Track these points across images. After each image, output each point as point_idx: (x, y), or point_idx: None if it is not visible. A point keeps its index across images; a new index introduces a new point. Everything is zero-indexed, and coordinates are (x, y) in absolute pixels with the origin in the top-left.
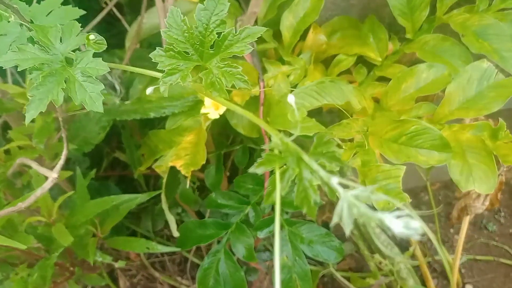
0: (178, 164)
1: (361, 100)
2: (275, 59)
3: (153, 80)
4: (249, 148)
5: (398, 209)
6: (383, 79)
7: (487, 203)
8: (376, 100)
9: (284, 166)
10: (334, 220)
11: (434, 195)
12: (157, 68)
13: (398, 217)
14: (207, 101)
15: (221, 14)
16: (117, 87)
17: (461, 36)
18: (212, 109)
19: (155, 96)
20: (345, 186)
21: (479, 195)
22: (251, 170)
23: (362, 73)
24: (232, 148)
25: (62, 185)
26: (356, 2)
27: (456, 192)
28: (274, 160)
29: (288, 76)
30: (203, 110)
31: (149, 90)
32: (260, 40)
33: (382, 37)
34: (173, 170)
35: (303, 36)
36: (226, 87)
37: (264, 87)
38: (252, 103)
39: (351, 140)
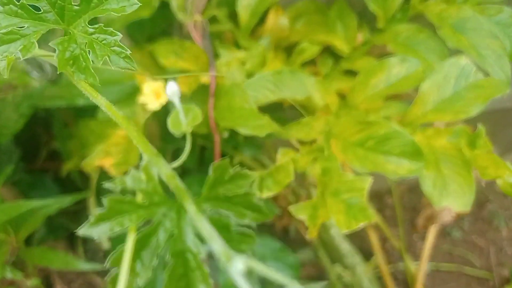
0: (107, 163)
1: (324, 96)
2: (231, 44)
3: None
4: (200, 146)
5: None
6: (351, 73)
7: (454, 213)
8: (342, 97)
9: (147, 225)
10: None
11: (399, 198)
12: None
13: None
14: (146, 88)
15: None
16: (47, 68)
17: (437, 28)
18: (152, 98)
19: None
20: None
21: None
22: (82, 232)
23: (328, 64)
24: (182, 144)
25: None
26: None
27: (422, 198)
28: (127, 211)
29: (244, 63)
30: (140, 100)
31: None
32: (214, 20)
33: (351, 25)
34: None
35: (264, 20)
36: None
37: (215, 75)
38: (201, 93)
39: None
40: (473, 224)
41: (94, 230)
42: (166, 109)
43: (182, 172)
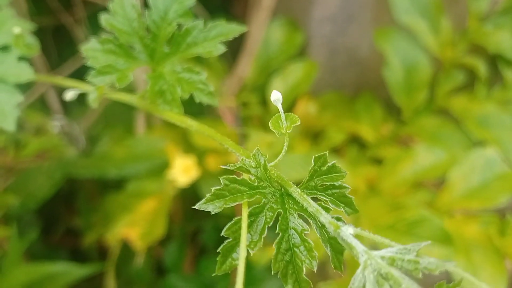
0: (134, 234)
1: (352, 179)
2: (259, 127)
3: (126, 135)
4: (222, 224)
5: None
6: (375, 160)
7: None
8: (368, 183)
9: (256, 205)
10: None
11: None
12: (87, 64)
13: None
14: (177, 163)
15: (187, 3)
16: (81, 139)
17: (460, 122)
18: (182, 173)
19: (119, 155)
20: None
21: None
22: (198, 206)
23: (353, 151)
24: (203, 223)
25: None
26: (347, 80)
27: None
28: (240, 191)
29: (272, 146)
30: (169, 176)
31: (69, 95)
32: (245, 105)
33: (376, 116)
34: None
35: (292, 107)
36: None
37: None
38: (229, 172)
39: None
40: None
41: (211, 205)
42: (190, 189)
43: (201, 251)
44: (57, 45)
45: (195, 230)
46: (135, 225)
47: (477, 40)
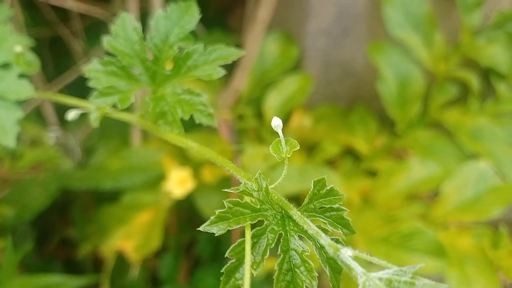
0: (128, 246)
1: (346, 192)
2: (255, 139)
3: (121, 147)
4: (217, 236)
5: None
6: (369, 173)
7: None
8: (362, 195)
9: (258, 227)
10: None
11: None
12: (90, 85)
13: None
14: (173, 175)
15: (188, 27)
16: (76, 151)
17: (453, 135)
18: (177, 185)
19: (115, 167)
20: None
21: None
22: (203, 228)
23: (347, 163)
24: (198, 234)
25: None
26: (341, 93)
27: None
28: (243, 213)
29: (267, 158)
30: (165, 187)
31: (71, 115)
32: (241, 118)
33: (370, 129)
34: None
35: (288, 120)
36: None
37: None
38: (224, 184)
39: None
40: None
41: (215, 227)
42: (186, 201)
43: (196, 263)
44: (54, 56)
45: (190, 241)
46: (130, 237)
47: (469, 54)
